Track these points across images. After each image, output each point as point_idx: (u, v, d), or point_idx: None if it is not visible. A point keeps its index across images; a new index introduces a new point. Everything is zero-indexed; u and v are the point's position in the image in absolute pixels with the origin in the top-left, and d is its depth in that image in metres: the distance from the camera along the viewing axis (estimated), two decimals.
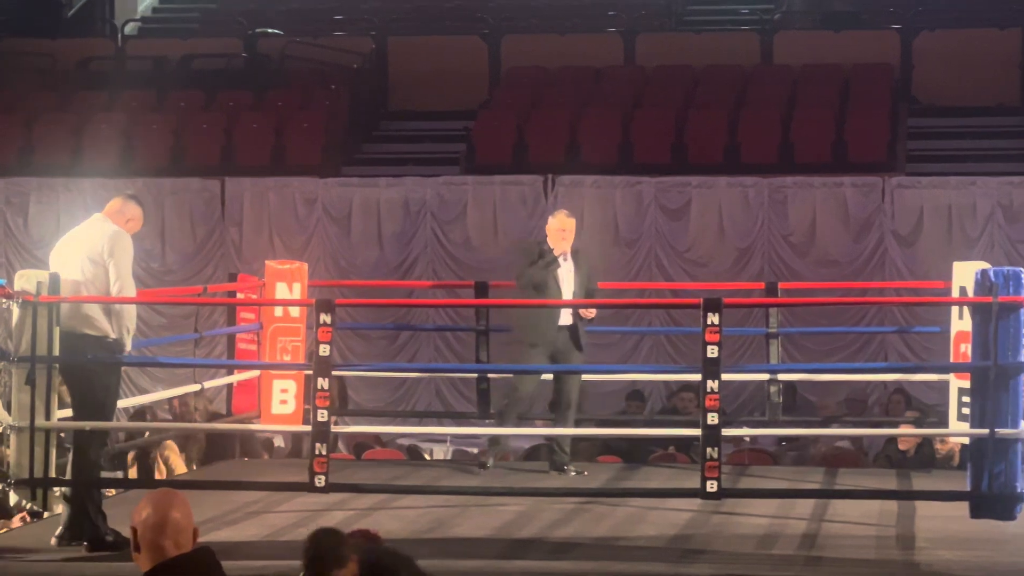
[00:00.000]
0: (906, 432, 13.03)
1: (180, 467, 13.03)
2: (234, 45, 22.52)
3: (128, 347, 9.76)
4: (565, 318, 11.91)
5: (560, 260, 11.89)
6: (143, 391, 16.93)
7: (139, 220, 9.96)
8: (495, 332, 13.30)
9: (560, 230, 11.96)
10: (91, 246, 9.62)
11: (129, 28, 23.67)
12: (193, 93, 21.30)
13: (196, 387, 12.95)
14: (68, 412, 9.87)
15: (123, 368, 10.45)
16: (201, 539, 8.82)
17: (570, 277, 11.95)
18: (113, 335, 9.56)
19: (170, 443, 12.94)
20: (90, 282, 9.57)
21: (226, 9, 24.64)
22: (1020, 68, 20.36)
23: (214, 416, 14.04)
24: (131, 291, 9.80)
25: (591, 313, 11.96)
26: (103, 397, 9.65)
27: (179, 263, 19.12)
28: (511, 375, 12.35)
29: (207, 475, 12.75)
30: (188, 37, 23.08)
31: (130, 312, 9.73)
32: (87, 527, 9.43)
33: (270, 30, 22.80)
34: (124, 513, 10.04)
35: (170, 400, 14.73)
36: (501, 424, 12.00)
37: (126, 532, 9.07)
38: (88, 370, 9.60)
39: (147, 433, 12.65)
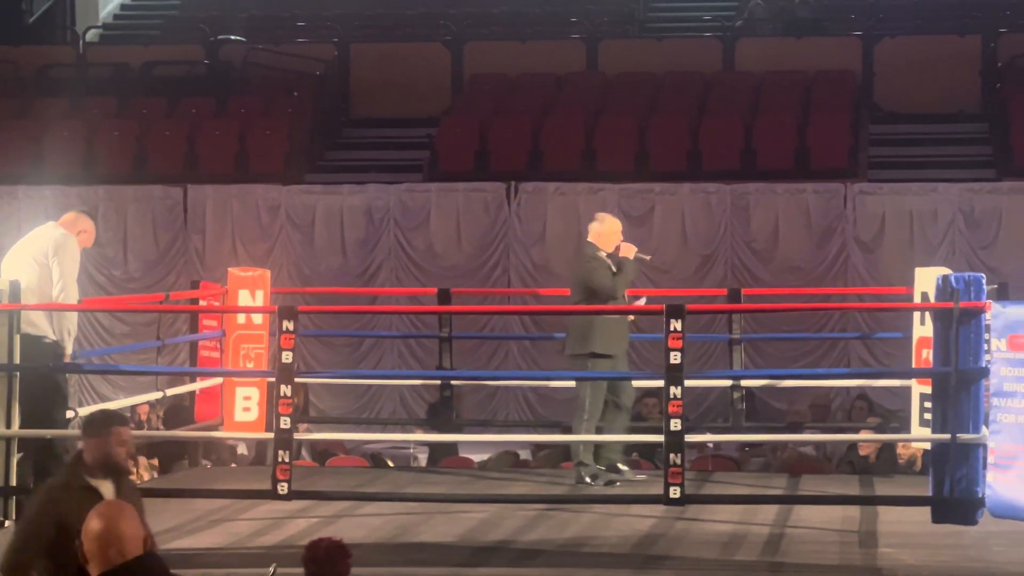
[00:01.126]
0: (868, 437, 13.10)
1: (144, 475, 13.00)
2: (196, 52, 22.46)
3: (69, 350, 9.76)
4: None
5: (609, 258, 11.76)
6: (104, 399, 16.86)
7: (91, 233, 10.01)
8: (458, 339, 13.29)
9: (617, 232, 11.80)
10: (37, 247, 9.69)
11: (90, 35, 23.59)
12: (155, 100, 21.23)
13: (158, 395, 12.91)
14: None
15: (85, 376, 10.44)
16: (163, 547, 8.79)
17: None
18: (53, 336, 9.57)
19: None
20: (33, 282, 9.60)
21: (188, 16, 24.58)
22: (980, 75, 20.46)
23: (170, 419, 14.03)
24: (72, 293, 9.84)
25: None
26: (50, 404, 9.64)
27: (141, 271, 19.05)
28: (577, 390, 11.79)
29: (170, 483, 12.71)
30: (150, 44, 23.01)
31: (71, 316, 9.74)
32: None
33: (232, 37, 22.74)
34: None
35: (134, 409, 14.70)
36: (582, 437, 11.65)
37: None
38: (32, 374, 9.61)
39: None
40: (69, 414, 10.41)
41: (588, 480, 11.57)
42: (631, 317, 11.81)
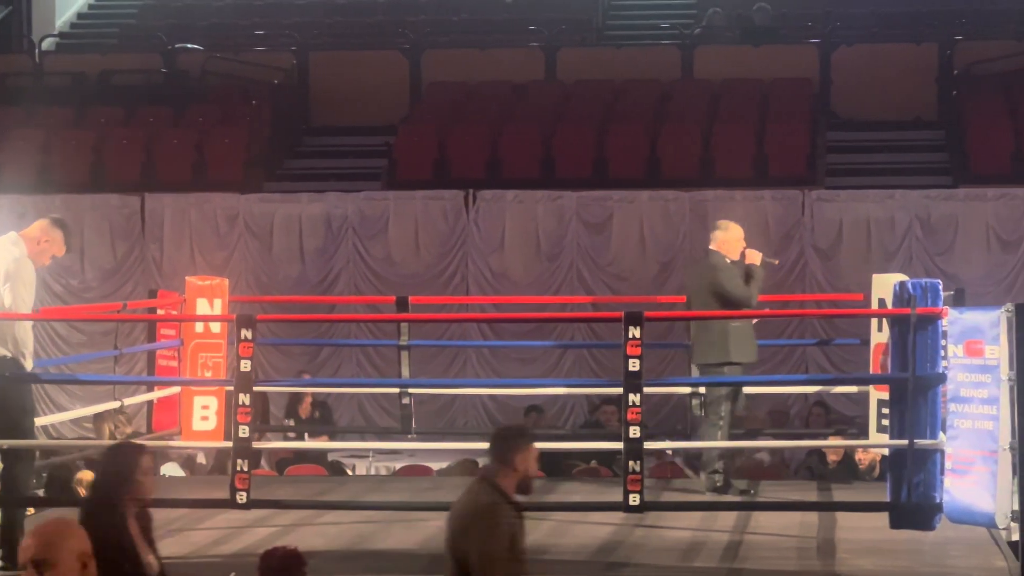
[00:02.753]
0: (827, 443, 13.13)
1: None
2: (154, 61, 22.39)
3: (29, 367, 9.71)
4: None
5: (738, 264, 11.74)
6: (61, 408, 16.79)
7: (57, 244, 9.92)
8: (416, 347, 13.27)
9: (741, 239, 11.81)
10: None
11: (47, 44, 23.48)
12: (112, 109, 21.15)
13: (115, 404, 12.85)
14: None
15: (42, 386, 10.39)
16: None
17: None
18: (9, 354, 9.52)
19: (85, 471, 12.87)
20: None
21: (145, 24, 24.49)
22: (937, 83, 20.56)
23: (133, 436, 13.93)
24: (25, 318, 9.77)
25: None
26: (17, 414, 9.59)
27: (98, 280, 18.97)
28: (711, 397, 11.72)
29: None
30: (107, 52, 22.93)
31: (26, 335, 9.69)
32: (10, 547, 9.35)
33: (190, 45, 22.68)
34: None
35: (94, 421, 14.63)
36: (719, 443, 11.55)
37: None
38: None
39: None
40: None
41: (719, 486, 11.50)
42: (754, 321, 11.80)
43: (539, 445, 12.33)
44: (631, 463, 9.28)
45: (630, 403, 9.25)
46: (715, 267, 11.73)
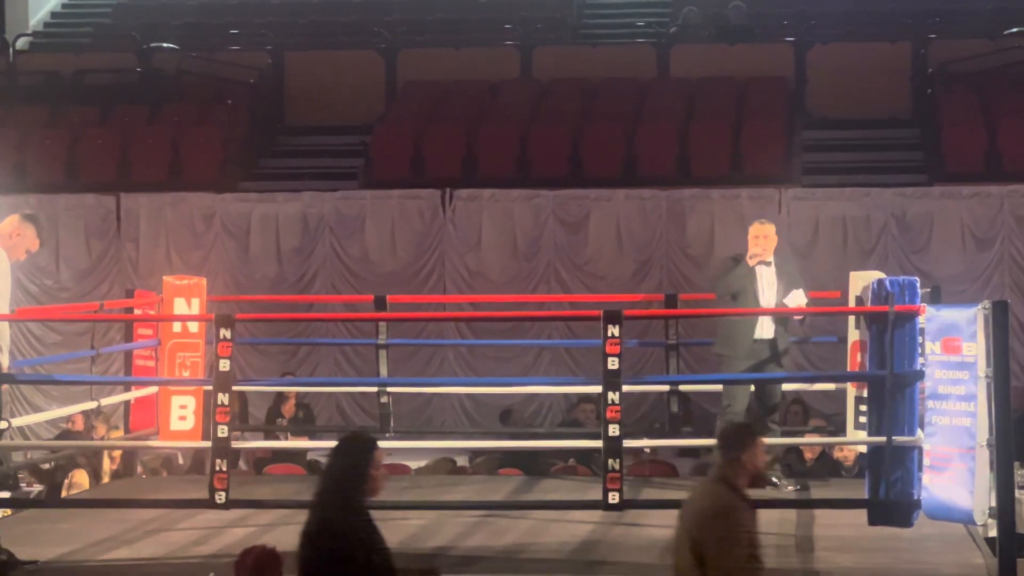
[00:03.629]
0: (807, 441, 13.16)
1: (86, 483, 13.02)
2: (129, 60, 22.32)
3: (5, 365, 9.68)
4: (766, 330, 11.70)
5: (760, 268, 11.69)
6: (37, 409, 16.73)
7: (30, 238, 9.91)
8: (393, 346, 13.27)
9: (755, 237, 11.79)
10: None
11: (21, 43, 23.39)
12: (87, 108, 21.08)
13: (92, 404, 12.82)
14: None
15: (17, 387, 10.36)
16: (99, 559, 8.75)
17: (772, 286, 11.74)
18: None
19: (79, 469, 12.89)
20: None
21: (120, 24, 24.43)
22: (911, 81, 20.62)
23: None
24: (3, 308, 9.74)
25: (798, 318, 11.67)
26: None
27: (74, 280, 18.92)
28: (723, 393, 11.85)
29: (106, 492, 12.64)
30: (81, 52, 22.85)
31: (3, 330, 9.67)
32: None
33: (165, 45, 22.62)
34: (20, 533, 9.94)
35: (70, 419, 14.61)
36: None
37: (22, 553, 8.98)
38: None
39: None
40: (2, 424, 10.31)
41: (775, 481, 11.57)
42: None
43: (515, 444, 12.41)
44: (610, 461, 9.29)
45: (609, 401, 9.27)
46: (715, 263, 11.81)
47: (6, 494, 12.39)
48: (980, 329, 9.15)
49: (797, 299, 11.48)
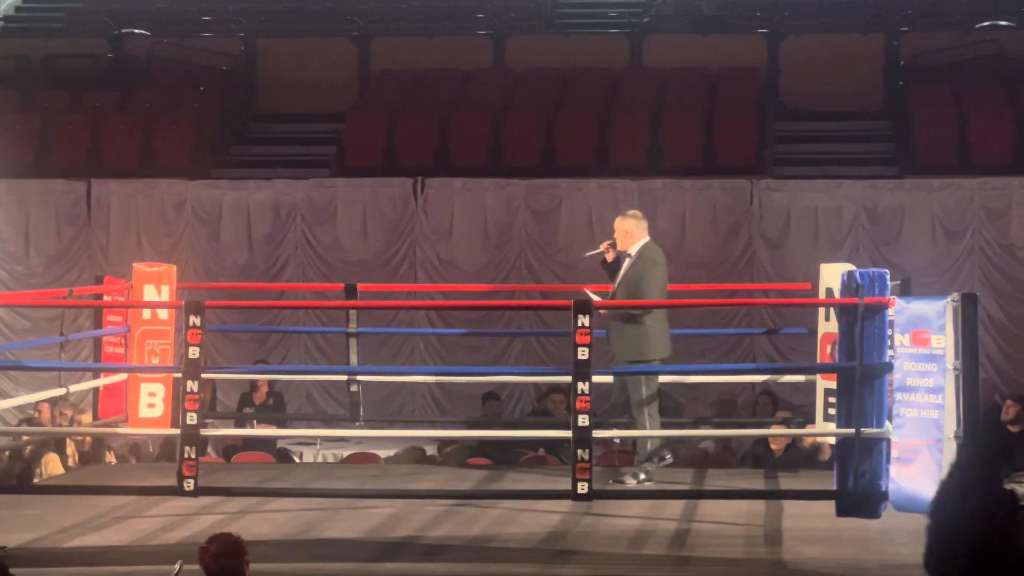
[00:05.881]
0: (775, 432, 13.17)
1: (58, 469, 13.00)
2: (100, 45, 22.24)
3: None
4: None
5: (627, 260, 11.60)
6: (5, 395, 16.68)
7: None
8: (364, 334, 13.26)
9: (614, 231, 11.76)
10: None
11: None
12: (58, 93, 21.02)
13: (61, 391, 12.77)
14: None
15: None
16: (67, 545, 8.74)
17: (619, 280, 11.65)
18: None
19: (51, 454, 12.87)
20: None
21: (91, 9, 24.30)
22: (883, 73, 20.67)
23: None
24: None
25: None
26: None
27: (44, 266, 18.86)
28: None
29: (75, 479, 12.60)
30: (52, 37, 22.74)
31: None
32: None
33: (137, 30, 22.53)
34: None
35: (36, 406, 14.55)
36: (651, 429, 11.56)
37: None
38: None
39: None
40: None
41: (643, 477, 11.46)
42: None
43: (487, 433, 12.35)
44: (580, 451, 9.29)
45: (579, 391, 9.26)
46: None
47: None
48: (949, 321, 9.18)
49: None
